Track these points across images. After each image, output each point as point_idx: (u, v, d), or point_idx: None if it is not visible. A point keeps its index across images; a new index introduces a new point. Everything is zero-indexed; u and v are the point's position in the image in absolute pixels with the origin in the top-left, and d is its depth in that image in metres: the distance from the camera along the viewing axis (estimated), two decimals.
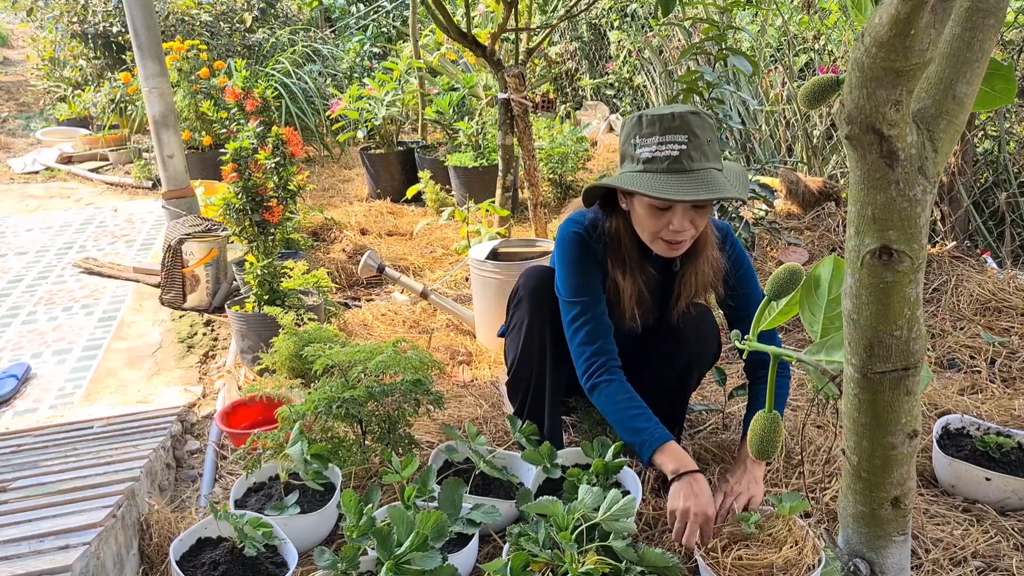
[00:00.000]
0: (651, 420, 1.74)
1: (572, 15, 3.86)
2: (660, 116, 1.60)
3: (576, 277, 1.80)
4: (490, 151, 4.56)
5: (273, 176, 2.98)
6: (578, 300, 1.80)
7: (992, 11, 0.89)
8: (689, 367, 1.92)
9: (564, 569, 1.40)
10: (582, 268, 1.81)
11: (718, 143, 1.66)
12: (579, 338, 1.79)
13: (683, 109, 1.60)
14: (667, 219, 1.65)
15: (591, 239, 1.81)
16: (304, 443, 1.75)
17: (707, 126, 1.62)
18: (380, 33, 7.91)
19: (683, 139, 1.58)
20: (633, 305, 1.81)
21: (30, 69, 8.82)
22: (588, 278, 1.81)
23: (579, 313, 1.80)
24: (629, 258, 1.80)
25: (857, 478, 1.09)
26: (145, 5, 3.48)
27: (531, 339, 1.92)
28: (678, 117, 1.58)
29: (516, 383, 2.02)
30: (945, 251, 3.13)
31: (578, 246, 1.81)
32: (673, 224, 1.64)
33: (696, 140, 1.59)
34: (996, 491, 1.77)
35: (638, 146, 1.62)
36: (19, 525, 1.58)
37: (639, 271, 1.81)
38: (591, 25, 6.92)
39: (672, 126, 1.58)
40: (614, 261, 1.81)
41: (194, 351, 2.99)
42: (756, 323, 1.30)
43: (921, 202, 0.90)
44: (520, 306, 1.94)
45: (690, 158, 1.58)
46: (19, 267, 4.06)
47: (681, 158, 1.58)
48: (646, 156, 1.61)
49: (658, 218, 1.66)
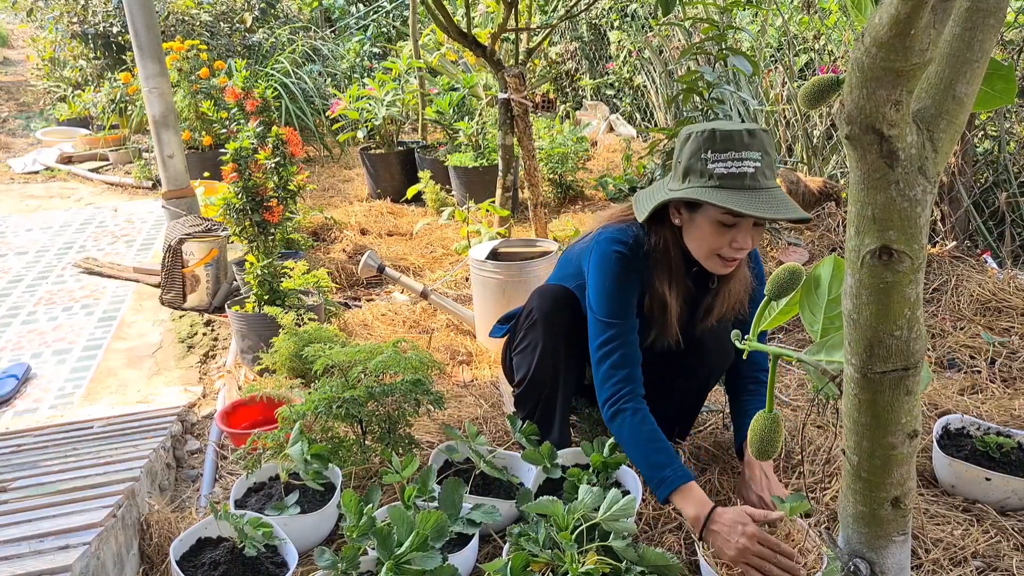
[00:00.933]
0: (672, 457, 1.71)
1: (572, 15, 3.86)
2: (735, 132, 1.60)
3: (615, 298, 1.78)
4: (490, 151, 4.56)
5: (273, 176, 2.98)
6: (614, 322, 1.77)
7: (992, 11, 0.89)
8: (708, 379, 1.95)
9: (564, 569, 1.40)
10: (622, 290, 1.78)
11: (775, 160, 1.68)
12: (609, 362, 1.76)
13: (754, 126, 1.61)
14: (731, 236, 1.65)
15: (635, 257, 1.78)
16: (304, 443, 1.75)
17: (772, 145, 1.65)
18: (380, 33, 7.91)
19: (758, 156, 1.60)
20: (675, 320, 1.80)
21: (30, 69, 8.82)
22: (626, 302, 1.78)
23: (613, 337, 1.77)
24: (676, 272, 1.78)
25: (857, 478, 1.09)
26: (145, 5, 3.48)
27: (544, 362, 1.91)
28: (753, 134, 1.60)
29: (525, 400, 2.00)
30: (945, 251, 3.13)
31: (622, 267, 1.78)
32: (737, 241, 1.65)
33: (768, 158, 1.62)
34: (996, 491, 1.77)
35: (710, 161, 1.61)
36: (19, 525, 1.58)
37: (684, 285, 1.80)
38: (591, 25, 6.92)
39: (748, 143, 1.60)
40: (661, 276, 1.78)
41: (194, 351, 2.99)
42: (756, 323, 1.30)
43: (921, 202, 0.90)
44: (535, 328, 1.91)
45: (764, 175, 1.60)
46: (19, 267, 4.06)
47: (757, 175, 1.59)
48: (721, 172, 1.60)
49: (723, 235, 1.66)
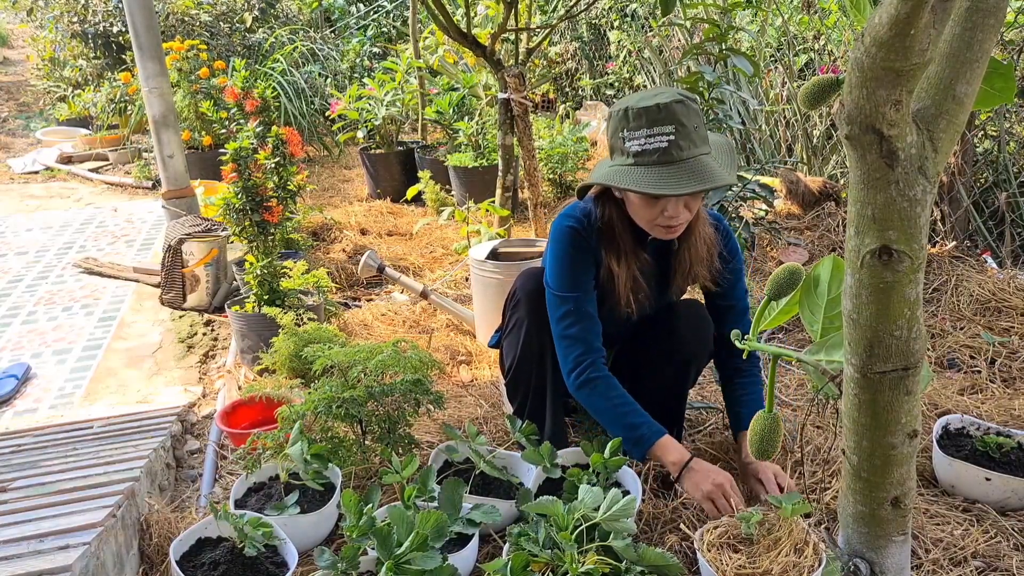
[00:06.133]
0: (645, 416, 1.77)
1: (572, 15, 3.85)
2: (646, 109, 1.60)
3: (567, 272, 1.81)
4: (490, 151, 4.56)
5: (273, 176, 2.98)
6: (569, 296, 1.81)
7: (992, 11, 0.89)
8: (687, 365, 1.94)
9: (564, 569, 1.40)
10: (574, 263, 1.82)
11: (704, 126, 1.68)
12: (568, 334, 1.81)
13: (668, 99, 1.60)
14: (661, 207, 1.68)
15: (584, 231, 1.82)
16: (304, 443, 1.75)
17: (692, 112, 1.63)
18: (380, 33, 7.91)
19: (670, 130, 1.59)
20: (628, 292, 1.83)
21: (30, 69, 8.81)
22: (580, 274, 1.82)
23: (569, 311, 1.81)
24: (623, 244, 1.81)
25: (857, 478, 1.09)
26: (145, 5, 3.48)
27: (530, 341, 1.92)
28: (664, 108, 1.59)
29: (515, 385, 2.02)
30: (945, 251, 3.13)
31: (572, 240, 1.82)
32: (668, 212, 1.68)
33: (684, 129, 1.60)
34: (996, 491, 1.77)
35: (626, 139, 1.64)
36: (19, 525, 1.58)
37: (634, 257, 1.83)
38: (591, 25, 6.92)
39: (659, 118, 1.59)
40: (608, 249, 1.82)
41: (194, 351, 2.99)
42: (756, 323, 1.30)
43: (921, 202, 0.90)
44: (518, 308, 1.94)
45: (679, 147, 1.60)
46: (19, 267, 4.06)
47: (670, 149, 1.60)
48: (635, 150, 1.63)
49: (652, 207, 1.69)
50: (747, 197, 3.19)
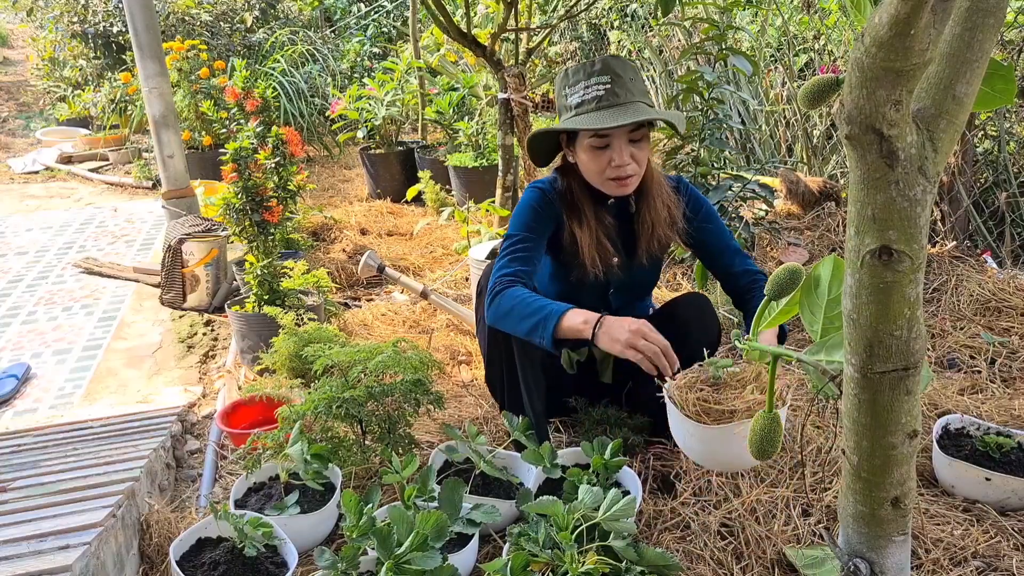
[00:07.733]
0: (550, 300, 1.75)
1: (572, 15, 3.85)
2: (582, 65, 1.78)
3: (521, 217, 1.90)
4: (490, 151, 4.56)
5: (273, 176, 2.98)
6: (516, 235, 1.87)
7: (992, 11, 0.89)
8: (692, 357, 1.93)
9: (564, 569, 1.40)
10: (531, 212, 1.90)
11: (642, 81, 1.82)
12: (503, 261, 1.85)
13: (608, 56, 1.78)
14: (608, 156, 1.78)
15: (549, 194, 1.92)
16: (304, 443, 1.75)
17: (628, 67, 1.78)
18: (380, 33, 7.91)
19: (606, 79, 1.75)
20: (594, 253, 1.89)
21: (30, 69, 8.81)
22: (533, 222, 1.89)
23: (513, 245, 1.86)
24: (583, 206, 1.90)
25: (857, 478, 1.09)
26: (145, 5, 3.48)
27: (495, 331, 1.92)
28: (599, 61, 1.76)
29: (491, 371, 2.03)
30: (945, 251, 3.13)
31: (534, 197, 1.91)
32: (614, 160, 1.77)
33: (620, 79, 1.75)
34: (996, 491, 1.77)
35: (568, 96, 1.79)
36: (19, 525, 1.58)
37: (595, 220, 1.90)
38: (591, 25, 6.92)
39: (595, 70, 1.76)
40: (570, 213, 1.91)
41: (194, 351, 2.99)
42: (756, 323, 1.30)
43: (921, 202, 0.90)
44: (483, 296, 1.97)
45: (615, 94, 1.74)
46: (19, 267, 4.06)
47: (607, 96, 1.74)
48: (576, 101, 1.78)
49: (599, 157, 1.79)
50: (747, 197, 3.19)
